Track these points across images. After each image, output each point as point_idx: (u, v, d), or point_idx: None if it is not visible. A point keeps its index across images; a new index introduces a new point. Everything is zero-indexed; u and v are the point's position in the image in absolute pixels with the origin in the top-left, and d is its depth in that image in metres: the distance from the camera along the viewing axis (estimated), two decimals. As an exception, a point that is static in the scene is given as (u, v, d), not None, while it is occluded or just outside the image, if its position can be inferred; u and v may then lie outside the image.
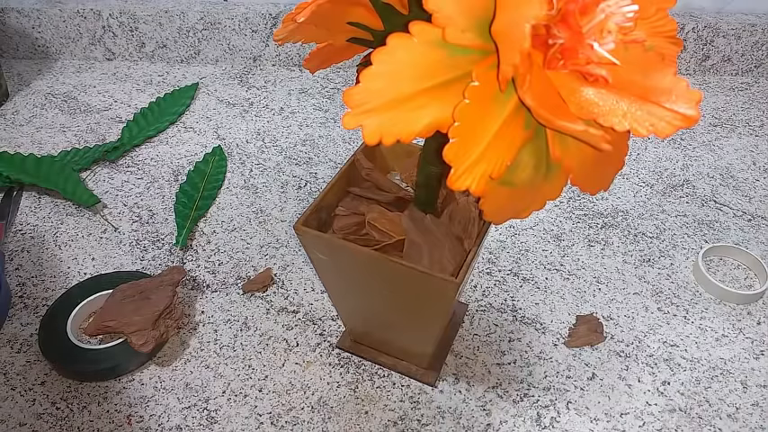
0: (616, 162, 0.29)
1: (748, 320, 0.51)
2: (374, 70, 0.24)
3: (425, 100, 0.24)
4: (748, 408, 0.45)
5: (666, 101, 0.24)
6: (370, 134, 0.24)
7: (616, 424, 0.44)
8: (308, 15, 0.29)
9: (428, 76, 0.24)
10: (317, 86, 0.81)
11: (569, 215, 0.61)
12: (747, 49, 0.83)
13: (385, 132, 0.24)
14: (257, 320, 0.51)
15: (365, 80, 0.24)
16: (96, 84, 0.81)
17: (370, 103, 0.24)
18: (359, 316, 0.45)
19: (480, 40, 0.24)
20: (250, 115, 0.75)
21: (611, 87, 0.24)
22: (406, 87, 0.24)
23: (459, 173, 0.24)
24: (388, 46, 0.24)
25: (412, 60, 0.24)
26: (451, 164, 0.24)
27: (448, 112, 0.24)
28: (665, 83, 0.24)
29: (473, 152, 0.24)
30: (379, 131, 0.24)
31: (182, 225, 0.58)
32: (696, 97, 0.23)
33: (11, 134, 0.72)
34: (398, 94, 0.24)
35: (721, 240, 0.59)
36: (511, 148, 0.25)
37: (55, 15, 0.82)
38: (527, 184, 0.26)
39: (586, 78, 0.24)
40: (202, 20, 0.82)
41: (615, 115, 0.24)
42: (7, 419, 0.43)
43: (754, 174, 0.68)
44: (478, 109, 0.24)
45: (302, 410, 0.44)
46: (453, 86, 0.24)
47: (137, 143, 0.70)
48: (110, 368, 0.46)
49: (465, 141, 0.24)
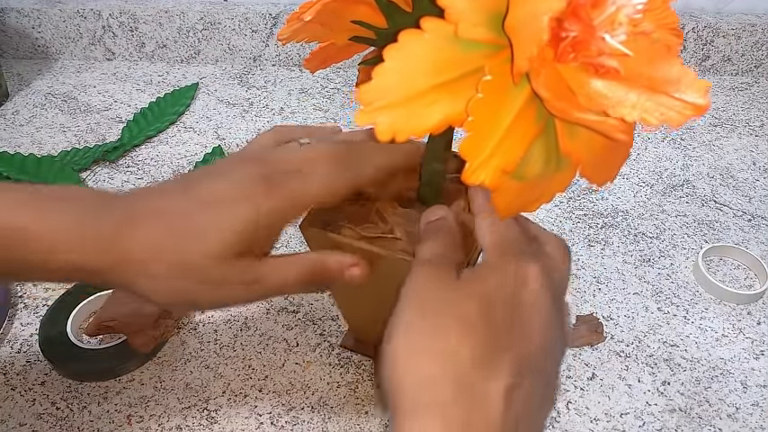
0: (622, 154, 0.29)
1: (748, 320, 0.51)
2: (386, 67, 0.24)
3: (438, 95, 0.24)
4: (748, 408, 0.45)
5: (676, 91, 0.24)
6: (383, 131, 0.24)
7: (616, 424, 0.44)
8: (314, 14, 0.30)
9: (440, 72, 0.24)
10: (317, 86, 0.81)
11: (569, 215, 0.61)
12: (747, 49, 0.83)
13: (398, 129, 0.24)
14: (257, 320, 0.51)
15: (377, 77, 0.24)
16: (96, 84, 0.81)
17: (383, 99, 0.24)
18: (365, 314, 0.45)
19: (492, 34, 0.24)
20: (250, 115, 0.75)
21: (619, 79, 0.24)
22: (418, 83, 0.24)
23: (473, 167, 0.24)
24: (400, 42, 0.24)
25: (424, 56, 0.24)
26: (466, 158, 0.24)
27: (460, 107, 0.24)
28: (672, 73, 0.24)
29: (487, 146, 0.24)
30: (392, 128, 0.24)
31: (182, 225, 0.58)
32: (705, 86, 0.24)
33: (11, 134, 0.72)
34: (411, 90, 0.24)
35: (721, 240, 0.59)
36: (523, 142, 0.25)
37: (55, 15, 0.82)
38: (537, 177, 0.26)
39: (597, 70, 0.24)
40: (202, 20, 0.82)
41: (625, 106, 0.24)
42: (7, 419, 0.43)
43: (754, 174, 0.68)
44: (492, 103, 0.24)
45: (302, 410, 0.44)
46: (465, 81, 0.24)
47: (137, 143, 0.70)
48: (110, 368, 0.46)
49: (479, 136, 0.24)
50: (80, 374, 0.46)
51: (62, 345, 0.46)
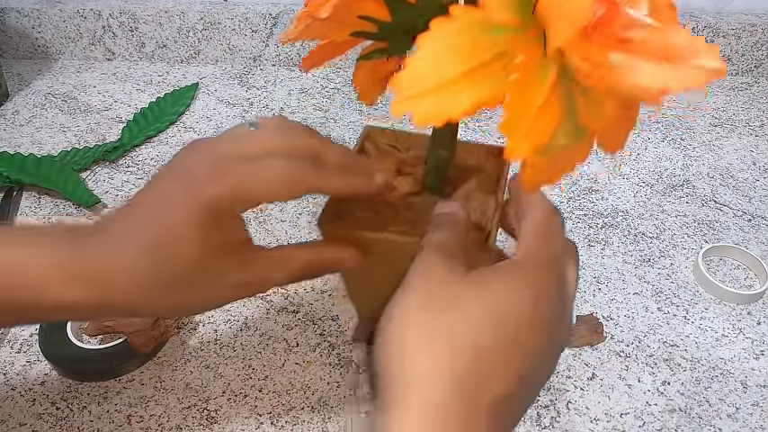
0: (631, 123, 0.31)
1: (748, 320, 0.51)
2: (419, 56, 0.25)
3: (469, 80, 0.26)
4: (748, 408, 0.45)
5: (691, 58, 0.26)
6: (419, 118, 0.25)
7: (616, 424, 0.44)
8: (330, 11, 0.30)
9: (470, 57, 0.25)
10: (317, 86, 0.81)
11: (569, 215, 0.61)
12: (747, 49, 0.83)
13: (433, 115, 0.25)
14: (257, 320, 0.51)
15: (410, 66, 0.25)
16: (96, 84, 0.81)
17: (417, 88, 0.25)
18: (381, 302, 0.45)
19: (519, 16, 0.26)
20: (250, 115, 0.75)
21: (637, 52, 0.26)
22: (450, 70, 0.25)
23: (513, 144, 0.26)
24: (431, 31, 0.25)
25: (454, 43, 0.25)
26: (507, 136, 0.26)
27: (492, 90, 0.26)
28: (683, 42, 0.26)
29: (524, 123, 0.26)
30: (427, 115, 0.25)
31: (182, 225, 0.58)
32: (716, 50, 0.25)
33: (11, 134, 0.72)
34: (443, 77, 0.25)
35: (721, 240, 0.59)
36: (554, 117, 0.27)
37: (55, 15, 0.82)
38: (562, 149, 0.28)
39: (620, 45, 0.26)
40: (202, 20, 0.82)
41: (645, 76, 0.26)
42: (7, 419, 0.43)
43: (754, 174, 0.68)
44: (525, 83, 0.26)
45: (302, 410, 0.44)
46: (495, 64, 0.26)
47: (137, 143, 0.70)
48: (109, 368, 0.46)
49: (516, 114, 0.26)
50: (80, 374, 0.46)
51: (62, 345, 0.46)
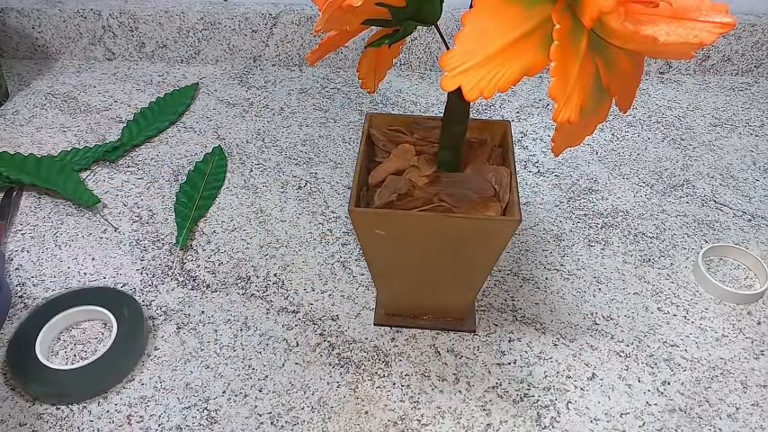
0: (636, 83, 0.33)
1: (748, 320, 0.51)
2: (465, 32, 0.27)
3: (513, 51, 0.27)
4: (748, 408, 0.45)
5: (700, 15, 0.28)
6: (470, 91, 0.27)
7: (616, 424, 0.44)
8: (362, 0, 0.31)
9: (511, 29, 0.27)
10: (317, 86, 0.81)
11: (569, 215, 0.61)
12: (747, 49, 0.83)
13: (483, 87, 0.27)
14: (257, 320, 0.51)
15: (458, 43, 0.27)
16: (96, 84, 0.81)
17: (466, 63, 0.27)
18: (404, 284, 0.47)
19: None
20: (250, 115, 0.75)
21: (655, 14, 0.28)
22: (494, 43, 0.27)
23: (560, 107, 0.27)
24: (475, 8, 0.27)
25: (496, 17, 0.27)
26: (555, 100, 0.27)
27: (535, 58, 0.28)
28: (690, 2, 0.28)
29: (568, 87, 0.27)
30: (478, 87, 0.27)
31: (182, 225, 0.58)
32: (724, 6, 0.27)
33: (11, 134, 0.72)
34: (489, 50, 0.27)
35: (721, 240, 0.59)
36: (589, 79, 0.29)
37: (55, 15, 0.82)
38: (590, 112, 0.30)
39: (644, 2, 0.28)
40: (202, 20, 0.82)
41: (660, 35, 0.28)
42: (7, 419, 0.43)
43: (754, 174, 0.68)
44: (564, 48, 0.27)
45: (302, 410, 0.44)
46: (535, 34, 0.28)
47: (137, 143, 0.70)
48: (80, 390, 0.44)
49: (561, 78, 0.27)
50: (48, 396, 0.44)
51: (30, 364, 0.45)
